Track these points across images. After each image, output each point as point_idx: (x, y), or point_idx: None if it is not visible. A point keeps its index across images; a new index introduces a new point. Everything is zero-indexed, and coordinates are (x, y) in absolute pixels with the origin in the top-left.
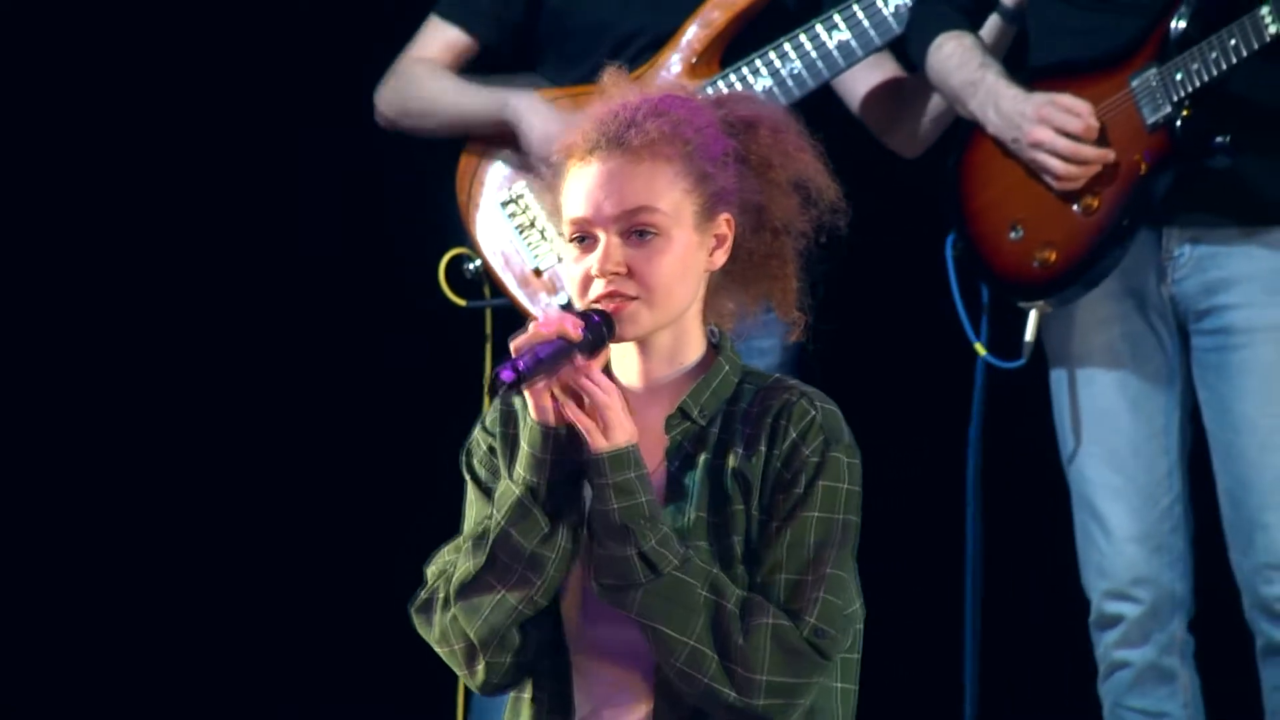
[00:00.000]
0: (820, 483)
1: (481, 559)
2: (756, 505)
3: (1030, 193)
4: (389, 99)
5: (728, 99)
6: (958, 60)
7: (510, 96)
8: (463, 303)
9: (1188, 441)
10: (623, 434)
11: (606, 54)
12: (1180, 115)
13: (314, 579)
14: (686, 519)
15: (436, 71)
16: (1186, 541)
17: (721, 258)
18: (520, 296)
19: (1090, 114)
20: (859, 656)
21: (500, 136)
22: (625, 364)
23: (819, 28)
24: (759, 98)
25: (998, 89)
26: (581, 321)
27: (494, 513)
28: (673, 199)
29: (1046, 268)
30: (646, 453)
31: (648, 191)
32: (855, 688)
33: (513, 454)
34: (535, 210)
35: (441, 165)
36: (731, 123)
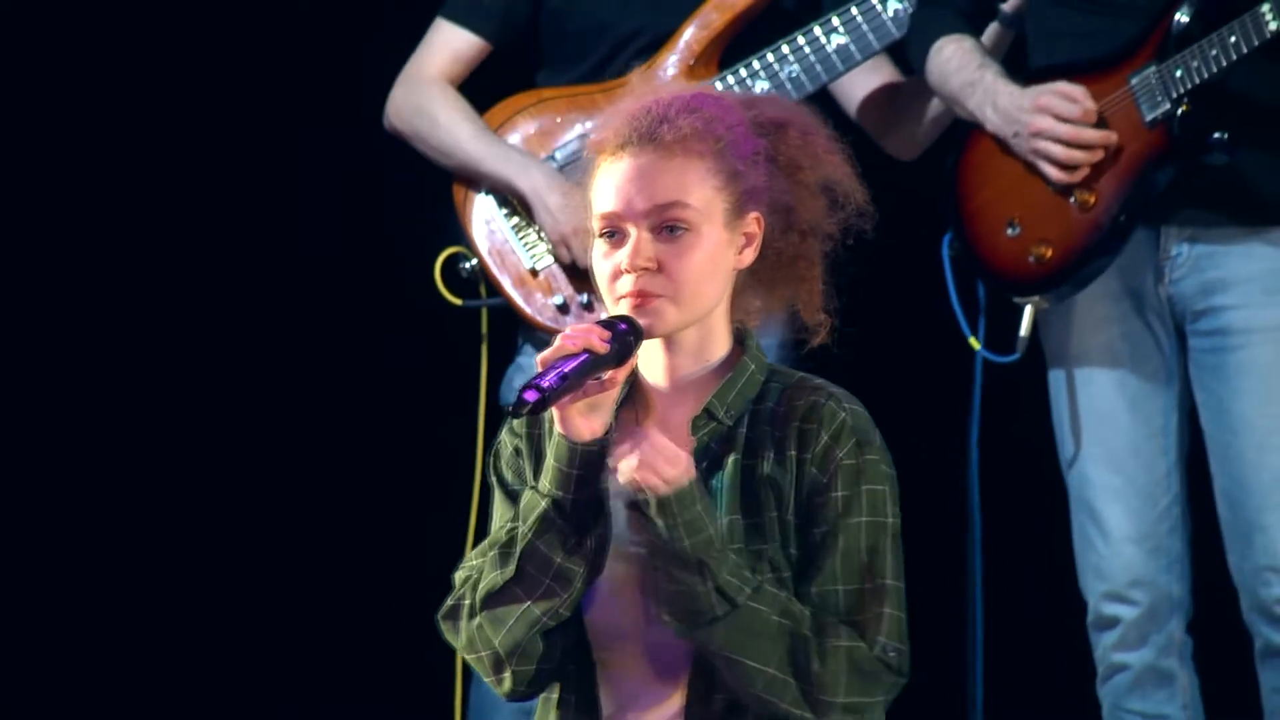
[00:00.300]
0: (863, 487)
1: (510, 570)
2: (791, 510)
3: (1027, 189)
4: (402, 115)
5: (757, 100)
6: (957, 63)
7: (525, 171)
8: (459, 302)
9: (1186, 442)
10: (681, 469)
11: (605, 54)
12: (1179, 112)
13: (313, 579)
14: (721, 524)
15: (450, 100)
16: (1185, 543)
17: (750, 256)
18: (516, 296)
19: (1087, 98)
20: None
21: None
22: (651, 361)
23: (817, 31)
24: (788, 100)
25: (996, 87)
26: (608, 333)
27: (520, 523)
28: (703, 195)
29: (1042, 263)
30: None
31: (679, 187)
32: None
33: (538, 456)
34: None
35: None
36: (761, 123)
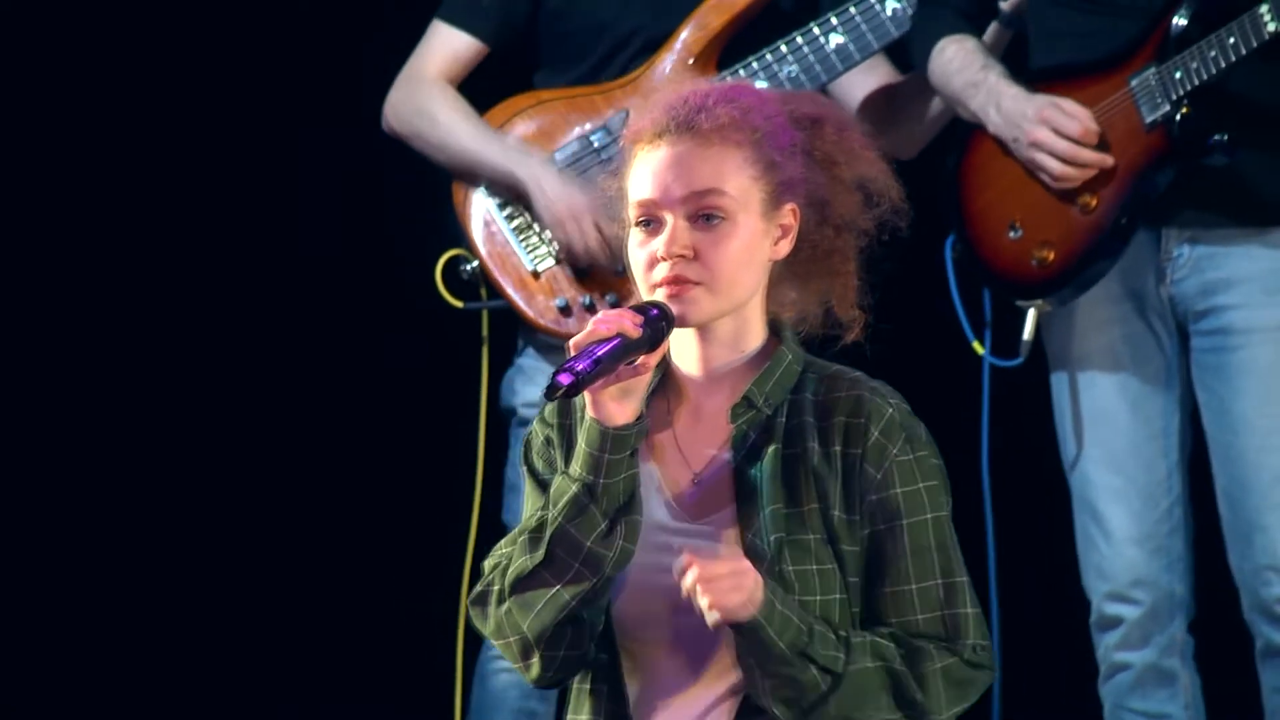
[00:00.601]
0: (921, 484)
1: (539, 555)
2: (839, 506)
3: (1029, 192)
4: (401, 115)
5: (794, 95)
6: (960, 63)
7: (524, 162)
8: (460, 304)
9: (1188, 443)
10: (748, 589)
11: (604, 55)
12: (1179, 113)
13: (313, 579)
14: (765, 514)
15: (449, 99)
16: (1186, 543)
17: (786, 248)
18: (517, 299)
19: (1089, 119)
20: None
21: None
22: (685, 350)
23: (816, 30)
24: (823, 97)
25: (1000, 89)
26: (640, 318)
27: (550, 508)
28: (740, 184)
29: (1044, 267)
30: (707, 441)
31: (716, 175)
32: None
33: (569, 445)
34: (533, 212)
35: (439, 166)
36: (798, 118)
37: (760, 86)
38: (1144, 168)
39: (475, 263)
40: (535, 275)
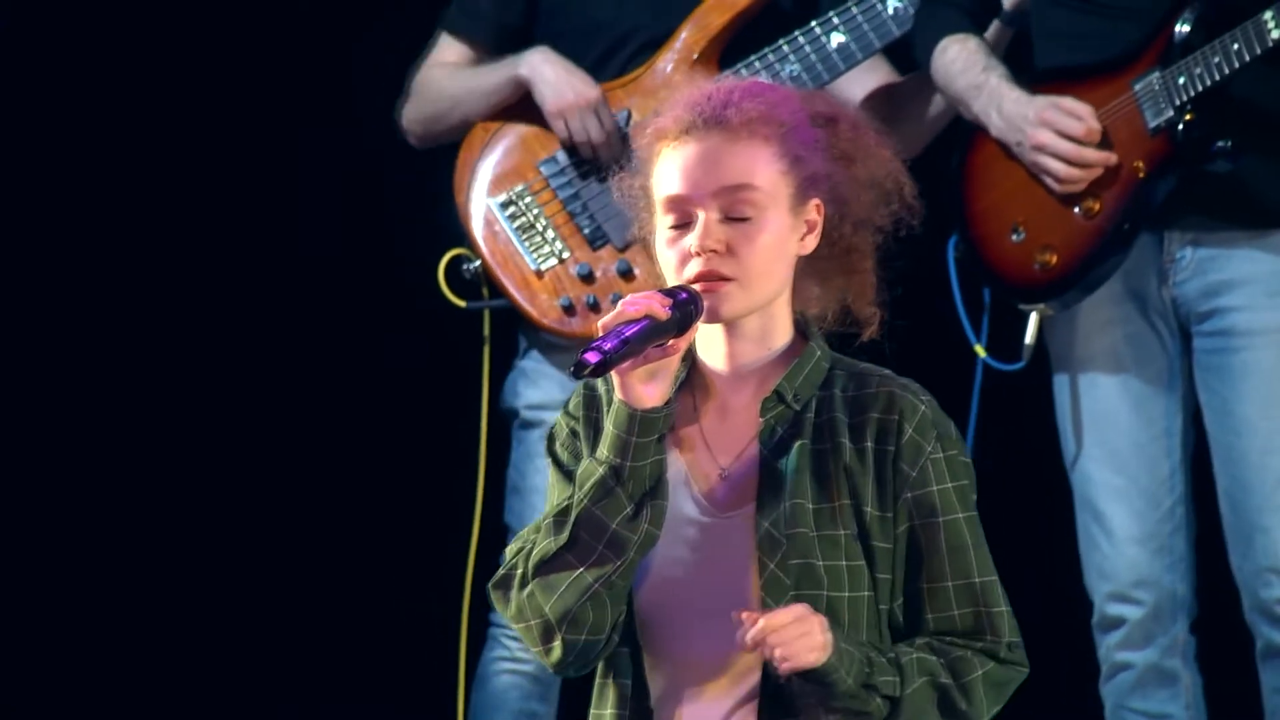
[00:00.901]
0: (954, 483)
1: (563, 537)
2: (871, 503)
3: (1032, 195)
4: (412, 114)
5: (809, 94)
6: (962, 64)
7: (521, 57)
8: (462, 304)
9: (1190, 443)
10: (819, 640)
11: (602, 54)
12: (1182, 119)
13: (314, 579)
14: (785, 506)
15: (450, 70)
16: (1189, 543)
17: (812, 244)
18: (520, 298)
19: (1092, 117)
20: None
21: (500, 135)
22: (712, 346)
23: (817, 29)
24: (834, 96)
25: (1001, 91)
26: (669, 300)
27: (575, 491)
28: (770, 178)
29: (1047, 270)
30: (734, 436)
31: (748, 170)
32: None
33: (595, 438)
34: (536, 210)
35: (441, 165)
36: (815, 115)
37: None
38: (1147, 173)
39: (478, 262)
40: (539, 275)
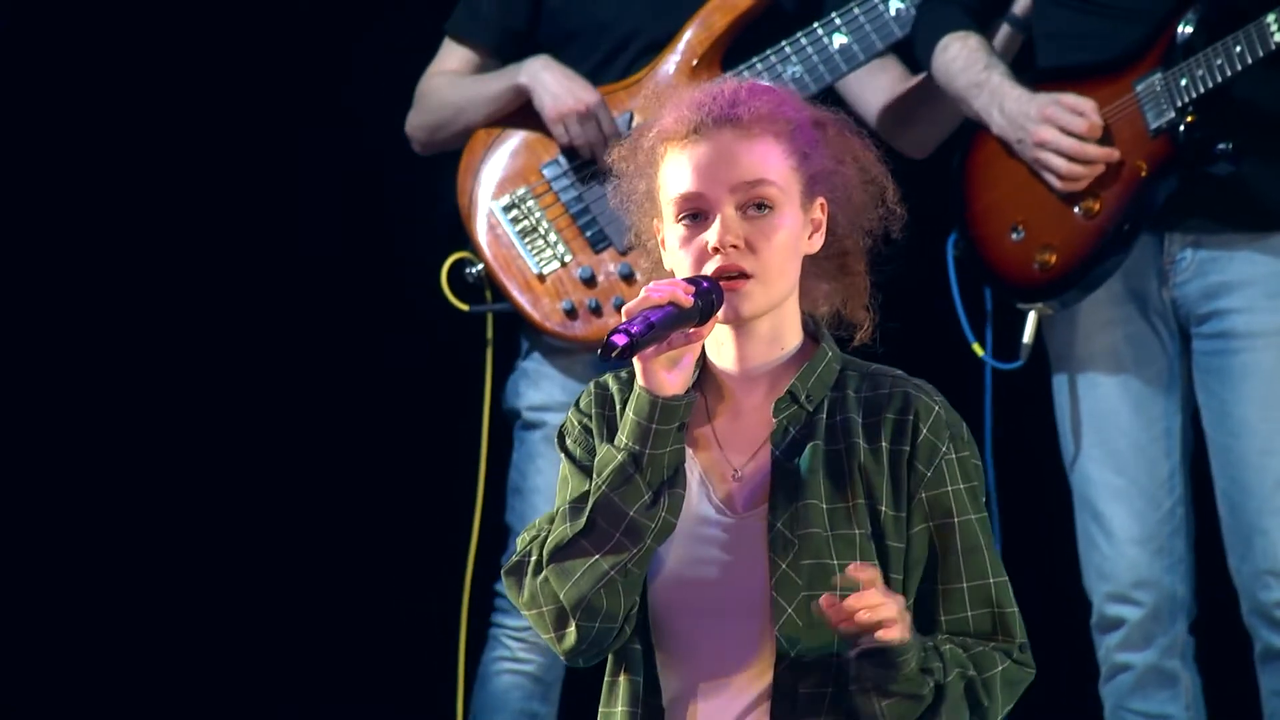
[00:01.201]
0: (966, 484)
1: (580, 523)
2: (886, 502)
3: (1032, 194)
4: (415, 122)
5: (800, 97)
6: (963, 62)
7: (522, 65)
8: (465, 307)
9: (1189, 444)
10: (908, 620)
11: (605, 55)
12: (1184, 121)
13: (314, 579)
14: (797, 507)
15: (452, 79)
16: (1188, 544)
17: (819, 242)
18: (523, 301)
19: (1094, 112)
20: None
21: (503, 139)
22: (722, 348)
23: (819, 30)
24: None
25: (1003, 89)
26: (692, 287)
27: (594, 478)
28: (783, 173)
29: (1046, 270)
30: (747, 436)
31: (763, 164)
32: None
33: (609, 436)
34: (539, 214)
35: (443, 167)
36: (812, 116)
37: None
38: (1148, 174)
39: (480, 265)
40: (541, 278)
